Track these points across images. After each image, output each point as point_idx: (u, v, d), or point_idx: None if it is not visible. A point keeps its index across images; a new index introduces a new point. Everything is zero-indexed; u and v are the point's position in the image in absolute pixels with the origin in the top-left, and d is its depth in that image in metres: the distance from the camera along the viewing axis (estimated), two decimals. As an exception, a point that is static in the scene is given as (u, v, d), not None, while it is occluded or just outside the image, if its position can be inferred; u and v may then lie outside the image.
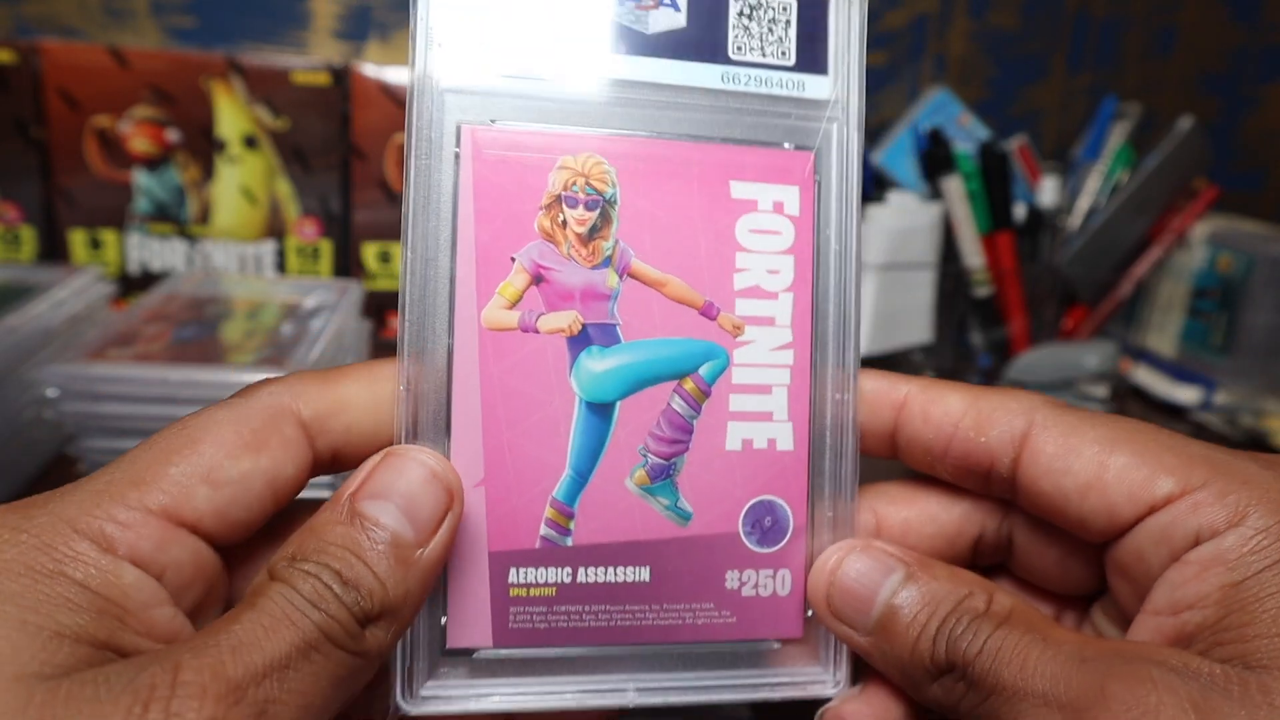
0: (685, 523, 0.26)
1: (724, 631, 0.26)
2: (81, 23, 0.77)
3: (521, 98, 0.25)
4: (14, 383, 0.52)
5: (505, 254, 0.25)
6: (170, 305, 0.55)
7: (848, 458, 0.26)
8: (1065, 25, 0.90)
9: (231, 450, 0.21)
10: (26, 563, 0.19)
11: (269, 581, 0.20)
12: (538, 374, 0.25)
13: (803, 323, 0.26)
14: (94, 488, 0.21)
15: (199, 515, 0.21)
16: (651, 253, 0.25)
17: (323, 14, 0.79)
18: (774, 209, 0.26)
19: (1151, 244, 0.83)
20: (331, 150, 0.77)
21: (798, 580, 0.26)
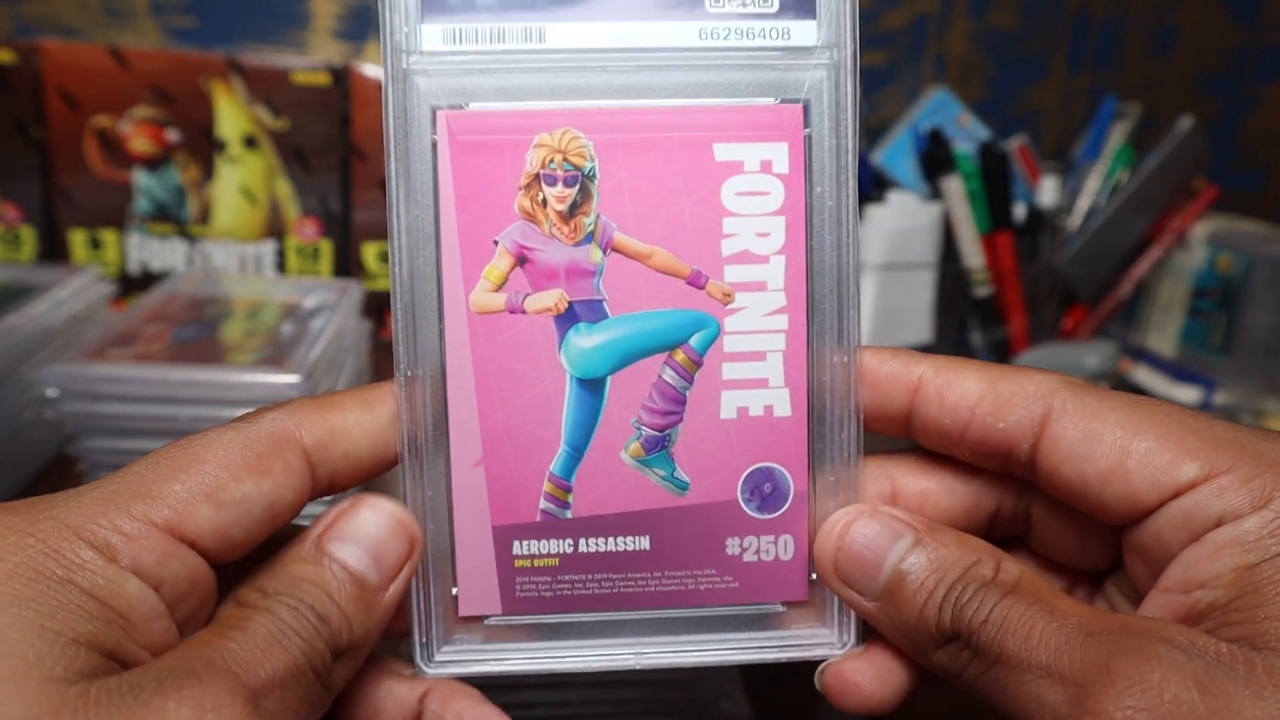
0: (683, 492, 0.26)
1: (726, 596, 0.26)
2: (82, 23, 0.77)
3: (492, 75, 0.24)
4: (14, 383, 0.52)
5: (488, 237, 0.25)
6: (170, 305, 0.55)
7: (850, 422, 0.26)
8: (1065, 25, 0.90)
9: (236, 472, 0.22)
10: (36, 568, 0.19)
11: (248, 609, 0.21)
12: (528, 353, 0.25)
13: (796, 285, 0.25)
14: (99, 496, 0.21)
15: (200, 532, 0.21)
16: (635, 225, 0.25)
17: (323, 14, 0.79)
18: (761, 168, 0.25)
19: (1151, 244, 0.83)
20: (331, 150, 0.77)
21: (801, 545, 0.26)
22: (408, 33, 0.24)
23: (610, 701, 0.35)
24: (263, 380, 0.44)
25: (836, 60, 0.24)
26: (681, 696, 0.36)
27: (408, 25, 0.24)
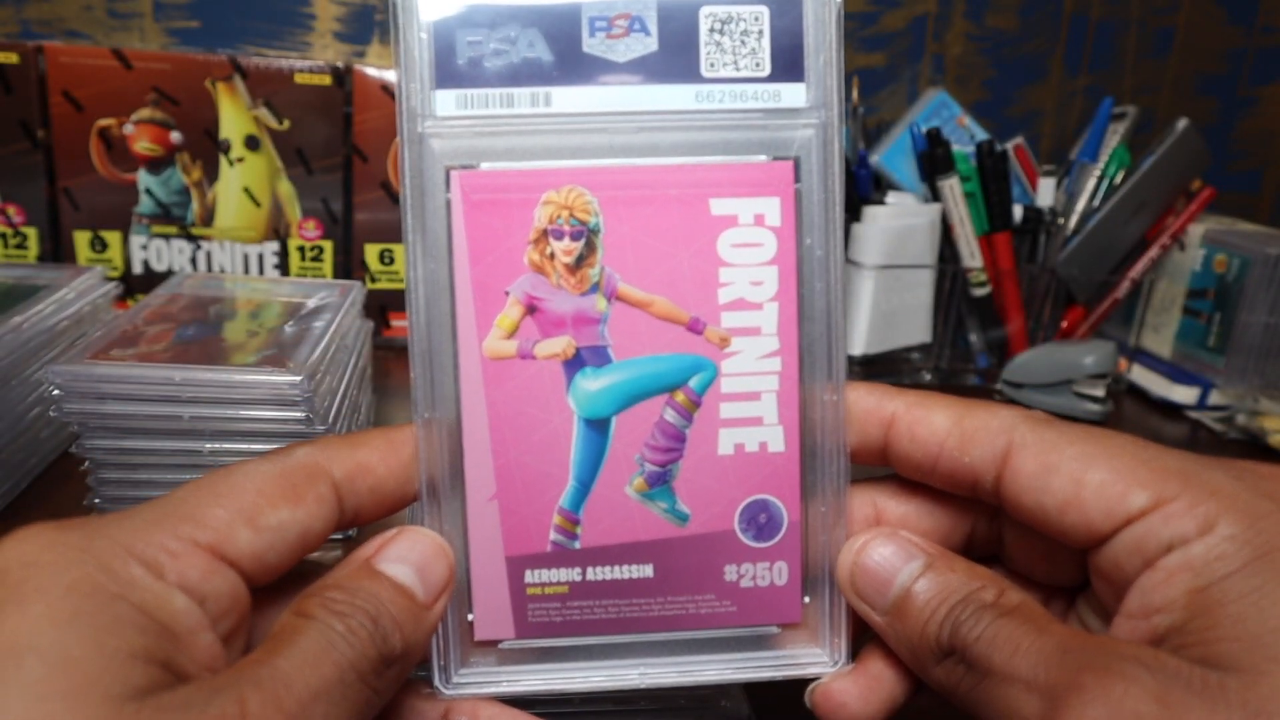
0: (684, 523, 0.28)
1: (725, 619, 0.28)
2: (85, 25, 0.77)
3: (502, 137, 0.26)
4: (18, 382, 0.52)
5: (500, 288, 0.26)
6: (173, 305, 0.55)
7: (839, 455, 0.27)
8: (1063, 27, 0.90)
9: (273, 500, 0.23)
10: (92, 583, 0.20)
11: (303, 619, 0.22)
12: (538, 396, 0.27)
13: (789, 330, 0.27)
14: (147, 518, 0.22)
15: (240, 554, 0.23)
16: (636, 275, 0.26)
17: (325, 16, 0.80)
18: (755, 222, 0.26)
19: (1148, 244, 0.84)
20: (333, 151, 0.77)
21: (794, 571, 0.28)
22: (423, 99, 0.26)
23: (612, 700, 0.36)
24: (265, 380, 0.45)
25: (824, 120, 0.26)
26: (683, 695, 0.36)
27: (423, 92, 0.26)
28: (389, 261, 0.80)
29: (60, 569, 0.20)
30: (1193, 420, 0.77)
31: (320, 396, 0.46)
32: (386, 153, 0.77)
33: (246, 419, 0.45)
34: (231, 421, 0.45)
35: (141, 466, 0.46)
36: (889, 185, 0.82)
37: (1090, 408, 0.74)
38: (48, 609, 0.19)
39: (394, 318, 0.81)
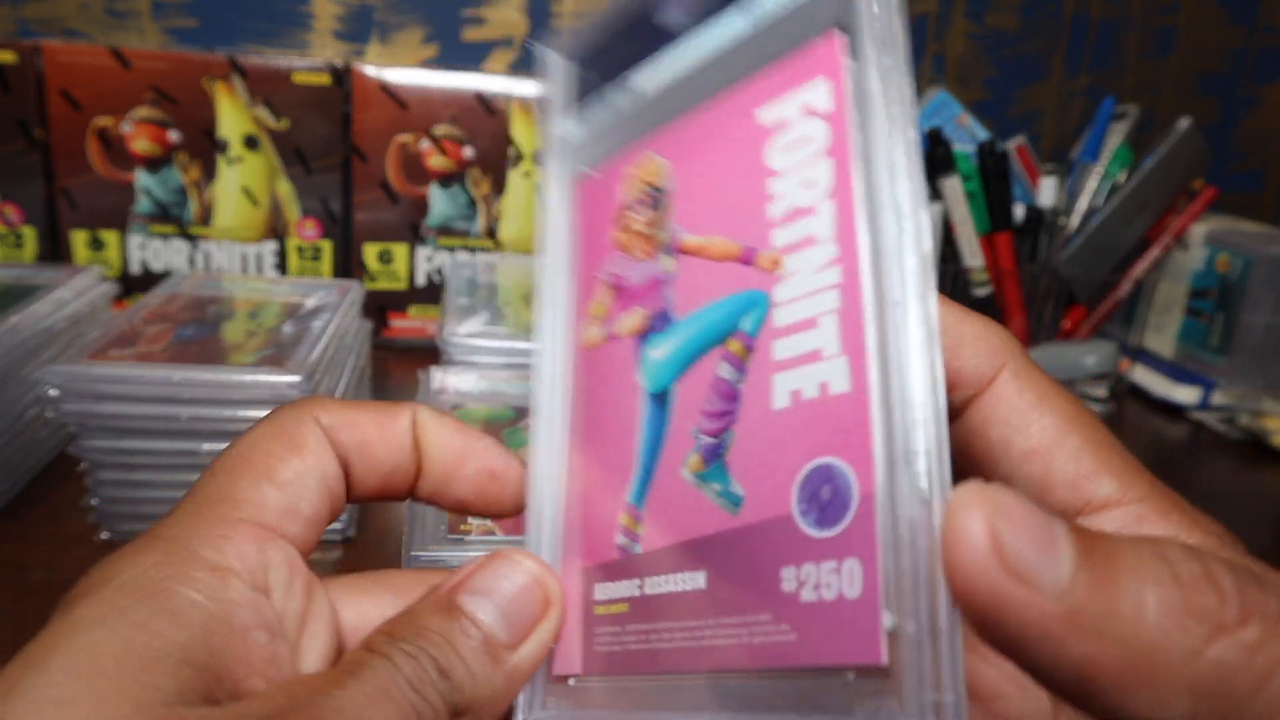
0: (736, 509, 0.21)
1: (785, 654, 0.19)
2: (83, 24, 0.77)
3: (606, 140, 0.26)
4: (16, 382, 0.52)
5: (594, 276, 0.26)
6: (171, 305, 0.55)
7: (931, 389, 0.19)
8: (1064, 26, 0.90)
9: (280, 454, 0.22)
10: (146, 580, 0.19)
11: (369, 654, 0.20)
12: (617, 379, 0.25)
13: (848, 230, 0.20)
14: (189, 510, 0.21)
15: (276, 517, 0.22)
16: (696, 222, 0.24)
17: (324, 15, 0.80)
18: (802, 113, 0.22)
19: (1150, 244, 0.84)
20: (332, 151, 0.77)
21: (870, 573, 0.18)
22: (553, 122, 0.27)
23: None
24: (264, 380, 0.45)
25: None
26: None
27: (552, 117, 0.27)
28: (388, 261, 0.79)
29: (117, 570, 0.19)
30: (1195, 420, 0.77)
31: (319, 397, 0.46)
32: (385, 152, 0.77)
33: (245, 419, 0.45)
34: (230, 422, 0.45)
35: (139, 467, 0.46)
36: (890, 185, 0.81)
37: (1092, 408, 0.74)
38: (89, 610, 0.18)
39: (393, 317, 0.81)
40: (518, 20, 0.82)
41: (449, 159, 0.78)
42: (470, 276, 0.70)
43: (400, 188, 0.78)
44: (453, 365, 0.53)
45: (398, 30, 0.81)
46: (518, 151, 0.78)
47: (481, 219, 0.79)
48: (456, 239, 0.79)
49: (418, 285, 0.80)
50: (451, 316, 0.58)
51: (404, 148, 0.77)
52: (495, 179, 0.79)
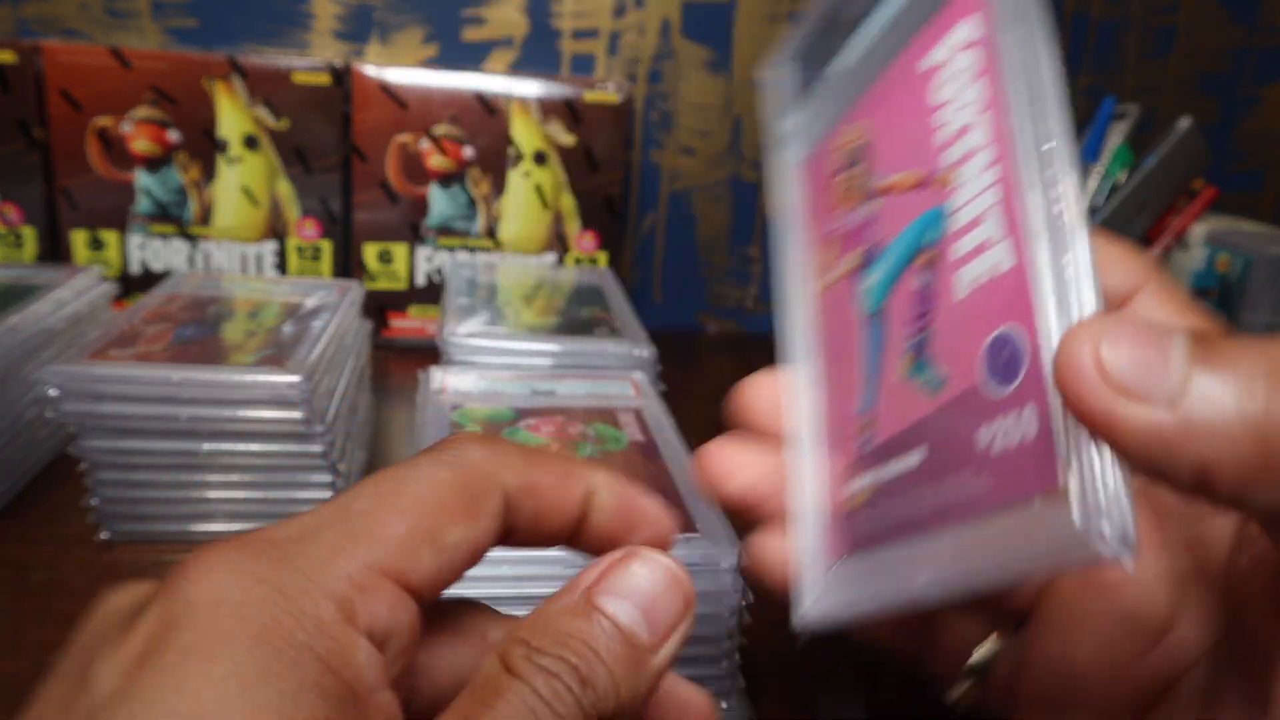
0: (938, 390, 0.24)
1: (987, 500, 0.22)
2: (83, 24, 0.77)
3: (811, 123, 0.31)
4: (15, 382, 0.52)
5: (822, 236, 0.30)
6: (171, 305, 0.55)
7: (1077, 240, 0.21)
8: (1063, 26, 0.90)
9: (454, 515, 0.21)
10: (282, 631, 0.18)
11: (505, 675, 0.19)
12: (845, 313, 0.29)
13: (1002, 135, 0.23)
14: (330, 540, 0.20)
15: (422, 579, 0.20)
16: (887, 166, 0.28)
17: (323, 15, 0.80)
18: (956, 50, 0.25)
19: (1150, 244, 0.83)
20: (332, 151, 0.77)
21: (1043, 415, 0.21)
22: (778, 123, 0.32)
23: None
24: (264, 380, 0.45)
25: None
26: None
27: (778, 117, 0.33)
28: (388, 261, 0.79)
29: (249, 611, 0.18)
30: (1195, 420, 0.77)
31: (319, 397, 0.46)
32: (385, 152, 0.77)
33: (245, 419, 0.45)
34: (230, 422, 0.45)
35: (140, 467, 0.46)
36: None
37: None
38: (234, 667, 0.17)
39: (393, 317, 0.81)
40: (518, 20, 0.82)
41: (449, 159, 0.78)
42: (470, 276, 0.70)
43: (400, 188, 0.78)
44: (453, 365, 0.53)
45: (398, 30, 0.81)
46: (518, 151, 0.78)
47: (481, 219, 0.79)
48: (456, 239, 0.80)
49: (418, 285, 0.80)
50: (451, 316, 0.58)
51: (404, 148, 0.77)
52: (495, 179, 0.79)
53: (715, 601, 0.35)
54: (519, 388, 0.49)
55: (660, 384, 0.53)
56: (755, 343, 0.91)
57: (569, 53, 0.83)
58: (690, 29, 0.84)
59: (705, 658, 0.36)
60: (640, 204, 0.88)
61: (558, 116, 0.78)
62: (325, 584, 0.19)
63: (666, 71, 0.85)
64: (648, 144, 0.87)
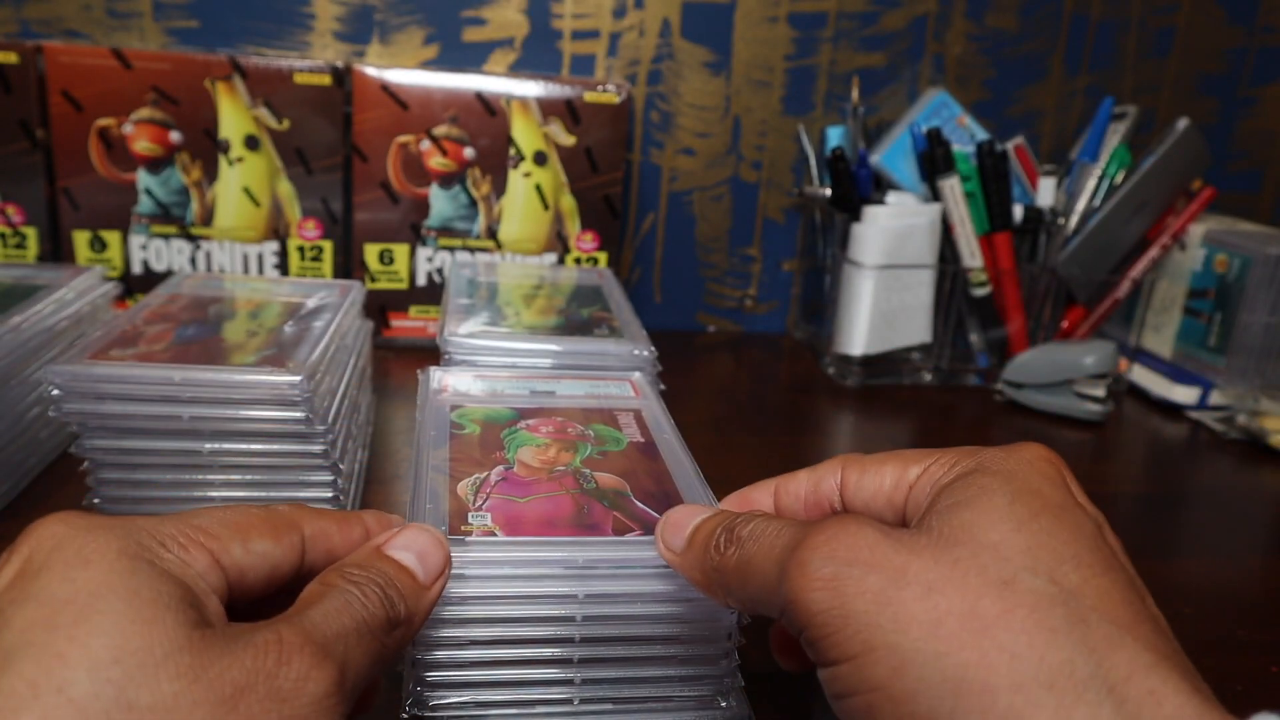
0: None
1: None
2: (85, 24, 0.77)
3: None
4: (17, 382, 0.52)
5: None
6: (173, 305, 0.55)
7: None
8: (1063, 27, 0.90)
9: (261, 532, 0.29)
10: (134, 551, 0.25)
11: (326, 586, 0.27)
12: None
13: None
14: (156, 518, 0.27)
15: (230, 563, 0.27)
16: None
17: (324, 15, 0.80)
18: None
19: (1149, 244, 0.84)
20: (333, 151, 0.77)
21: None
22: None
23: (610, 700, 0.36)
24: (265, 380, 0.45)
25: None
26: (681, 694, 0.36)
27: None
28: (389, 261, 0.80)
29: (104, 540, 0.25)
30: (1193, 420, 0.77)
31: (320, 397, 0.46)
32: (386, 153, 0.77)
33: (246, 419, 0.45)
34: (231, 421, 0.45)
35: (141, 467, 0.46)
36: (889, 185, 0.82)
37: (1090, 408, 0.74)
38: (109, 566, 0.24)
39: (394, 318, 0.81)
40: (518, 21, 0.82)
41: (449, 159, 0.78)
42: (470, 277, 0.70)
43: (401, 188, 0.78)
44: (453, 365, 0.53)
45: (398, 31, 0.81)
46: (518, 152, 0.79)
47: (482, 219, 0.80)
48: (457, 239, 0.80)
49: (418, 285, 0.81)
50: (451, 316, 0.58)
51: (404, 148, 0.77)
52: (496, 179, 0.79)
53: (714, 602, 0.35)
54: (518, 388, 0.49)
55: (660, 384, 0.53)
56: (754, 343, 0.91)
57: (569, 53, 0.83)
58: (690, 29, 0.84)
59: (705, 658, 0.36)
60: (640, 204, 0.89)
61: (558, 117, 0.78)
62: (155, 533, 0.26)
63: (666, 72, 0.85)
64: (648, 144, 0.87)
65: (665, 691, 0.36)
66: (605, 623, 0.35)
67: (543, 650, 0.35)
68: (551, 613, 0.35)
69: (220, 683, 0.23)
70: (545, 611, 0.34)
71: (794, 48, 0.86)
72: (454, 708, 0.34)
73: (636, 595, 0.35)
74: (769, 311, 0.94)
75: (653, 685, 0.36)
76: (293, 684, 0.24)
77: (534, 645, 0.35)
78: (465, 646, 0.34)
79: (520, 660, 0.35)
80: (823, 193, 0.82)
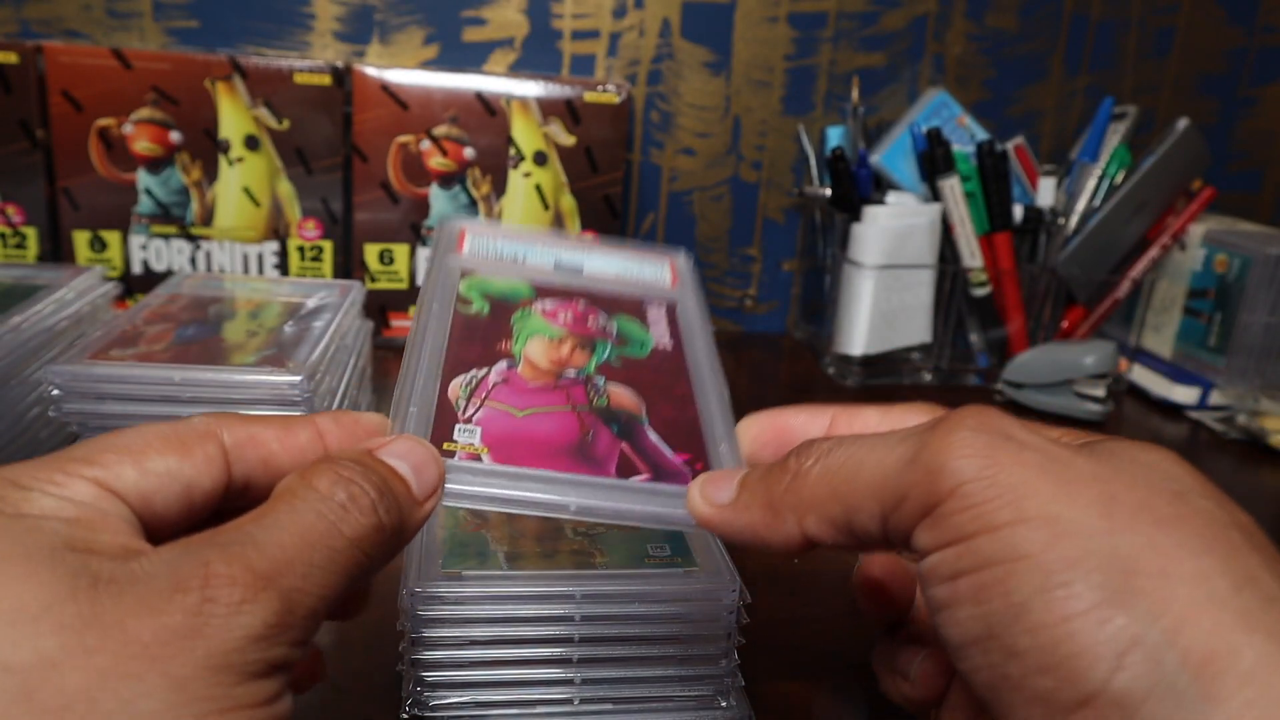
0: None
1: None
2: (85, 24, 0.77)
3: None
4: (17, 382, 0.52)
5: None
6: (173, 305, 0.55)
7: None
8: (1063, 27, 0.90)
9: (160, 449, 0.24)
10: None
11: (300, 485, 0.23)
12: None
13: None
14: (29, 461, 0.23)
15: (125, 488, 0.24)
16: None
17: (324, 15, 0.80)
18: None
19: (1149, 244, 0.84)
20: (333, 151, 0.77)
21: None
22: None
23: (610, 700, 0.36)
24: (265, 380, 0.45)
25: None
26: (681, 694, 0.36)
27: None
28: (389, 261, 0.80)
29: None
30: (1193, 420, 0.77)
31: (320, 396, 0.46)
32: (386, 152, 0.77)
33: (246, 419, 0.45)
34: (231, 422, 0.45)
35: (141, 467, 0.46)
36: (889, 185, 0.82)
37: (1090, 408, 0.74)
38: None
39: (394, 317, 0.81)
40: (518, 21, 0.82)
41: (449, 159, 0.78)
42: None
43: (401, 188, 0.78)
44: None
45: (398, 31, 0.81)
46: (518, 152, 0.79)
47: (482, 219, 0.80)
48: (457, 239, 0.80)
49: (418, 285, 0.81)
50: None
51: (404, 148, 0.77)
52: (496, 179, 0.79)
53: (714, 601, 0.35)
54: (543, 256, 0.42)
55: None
56: (754, 343, 0.91)
57: (569, 53, 0.83)
58: (690, 29, 0.84)
59: (705, 658, 0.36)
60: (640, 204, 0.89)
61: (558, 117, 0.78)
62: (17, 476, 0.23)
63: (666, 72, 0.85)
64: (648, 144, 0.87)
65: (665, 691, 0.36)
66: (604, 623, 0.35)
67: (542, 650, 0.35)
68: (550, 612, 0.35)
69: (122, 627, 0.20)
70: (544, 611, 0.34)
71: (794, 48, 0.86)
72: (454, 708, 0.34)
73: (635, 595, 0.35)
74: (769, 311, 0.94)
75: (653, 685, 0.36)
76: (221, 620, 0.20)
77: (533, 645, 0.35)
78: (465, 646, 0.34)
79: (520, 660, 0.35)
80: (823, 193, 0.82)
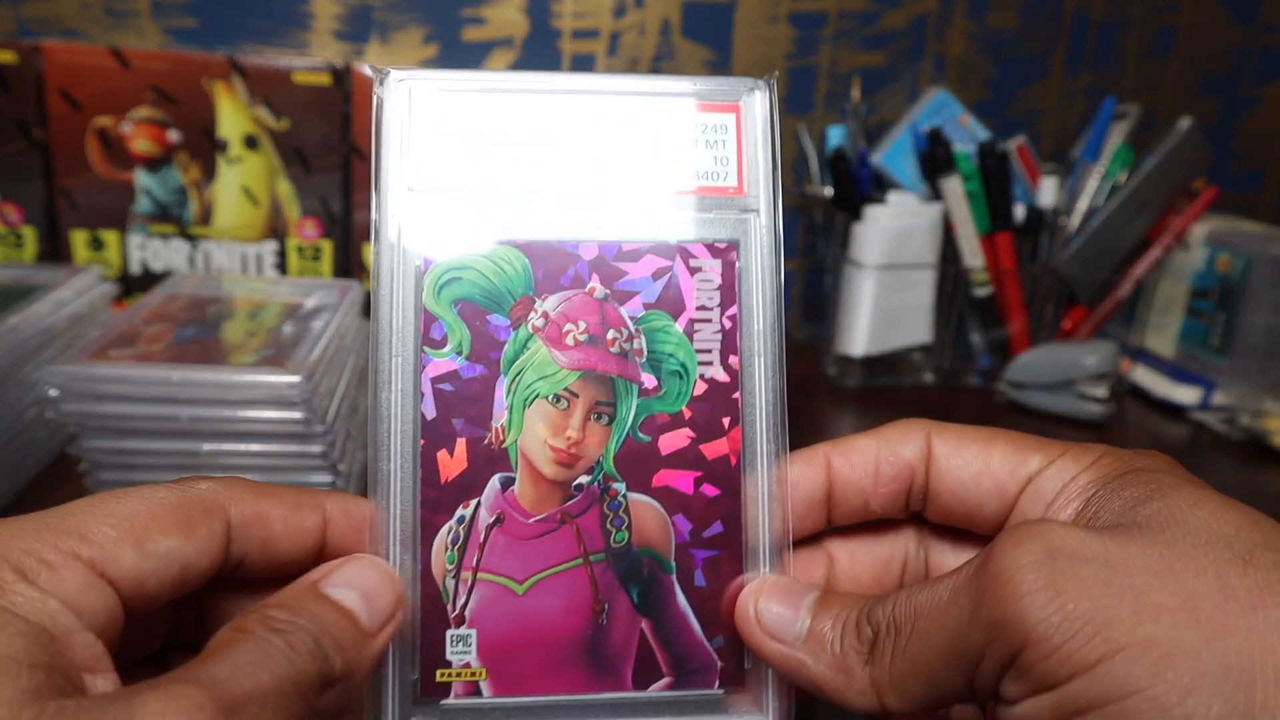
0: None
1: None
2: (83, 23, 0.77)
3: None
4: (16, 383, 0.52)
5: None
6: (171, 305, 0.55)
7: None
8: (1064, 26, 0.90)
9: (165, 526, 0.23)
10: None
11: (240, 633, 0.21)
12: None
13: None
14: (28, 526, 0.22)
15: (121, 574, 0.22)
16: None
17: (324, 14, 0.79)
18: None
19: (1150, 244, 0.83)
20: (332, 150, 0.77)
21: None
22: None
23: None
24: (264, 380, 0.45)
25: None
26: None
27: None
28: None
29: None
30: (1195, 421, 0.77)
31: (319, 397, 0.46)
32: (386, 152, 0.77)
33: (245, 419, 0.45)
34: (230, 422, 0.45)
35: (139, 467, 0.46)
36: (890, 185, 0.81)
37: (1092, 408, 0.74)
38: None
39: (393, 318, 0.81)
40: (518, 20, 0.82)
41: (449, 159, 0.78)
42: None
43: (400, 188, 0.78)
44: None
45: (398, 30, 0.81)
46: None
47: (482, 219, 0.79)
48: (457, 239, 0.79)
49: (418, 285, 0.80)
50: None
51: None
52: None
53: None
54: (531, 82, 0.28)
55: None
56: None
57: (569, 53, 0.83)
58: (690, 29, 0.84)
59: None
60: (640, 204, 0.88)
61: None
62: (10, 555, 0.21)
63: (666, 71, 0.85)
64: (648, 144, 0.87)
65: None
66: None
67: None
68: None
69: None
70: None
71: (794, 47, 0.86)
72: None
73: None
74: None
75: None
76: None
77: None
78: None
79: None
80: (823, 193, 0.82)
